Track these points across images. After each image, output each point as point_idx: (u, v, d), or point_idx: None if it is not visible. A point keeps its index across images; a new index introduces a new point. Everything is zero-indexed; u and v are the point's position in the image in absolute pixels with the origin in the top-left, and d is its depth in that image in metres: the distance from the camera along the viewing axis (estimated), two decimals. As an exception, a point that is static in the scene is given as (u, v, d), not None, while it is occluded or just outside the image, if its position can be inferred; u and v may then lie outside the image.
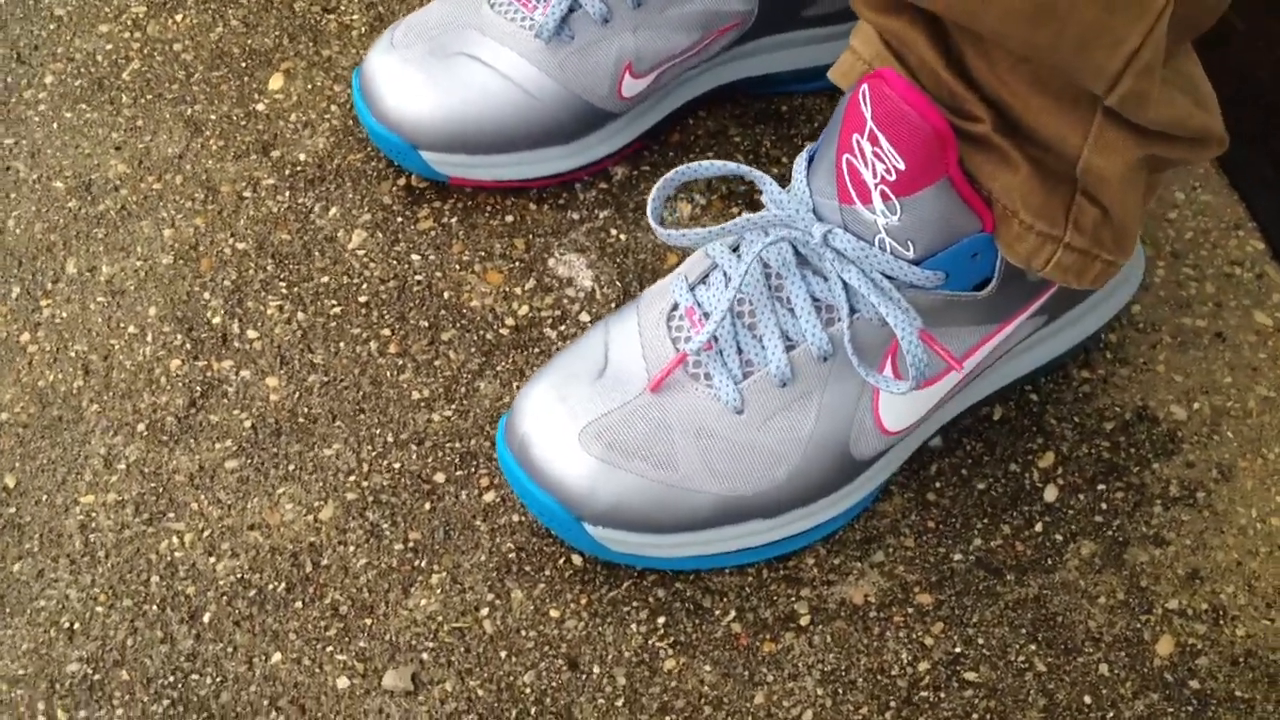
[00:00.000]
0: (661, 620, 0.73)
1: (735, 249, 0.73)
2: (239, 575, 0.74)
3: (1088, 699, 0.71)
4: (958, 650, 0.73)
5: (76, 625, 0.72)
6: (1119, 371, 0.82)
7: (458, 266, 0.85)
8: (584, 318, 0.83)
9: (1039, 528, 0.76)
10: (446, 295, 0.84)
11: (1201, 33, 0.66)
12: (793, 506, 0.73)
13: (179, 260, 0.85)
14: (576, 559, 0.75)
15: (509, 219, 0.87)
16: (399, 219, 0.87)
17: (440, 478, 0.77)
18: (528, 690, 0.71)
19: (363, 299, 0.84)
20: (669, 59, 0.85)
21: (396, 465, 0.78)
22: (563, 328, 0.82)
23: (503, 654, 0.72)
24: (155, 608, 0.73)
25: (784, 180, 0.78)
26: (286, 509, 0.76)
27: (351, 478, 0.77)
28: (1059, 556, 0.75)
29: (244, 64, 0.94)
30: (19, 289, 0.84)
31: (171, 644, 0.72)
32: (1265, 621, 0.74)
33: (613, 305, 0.83)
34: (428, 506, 0.76)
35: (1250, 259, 0.87)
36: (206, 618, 0.73)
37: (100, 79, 0.93)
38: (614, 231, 0.87)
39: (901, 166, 0.66)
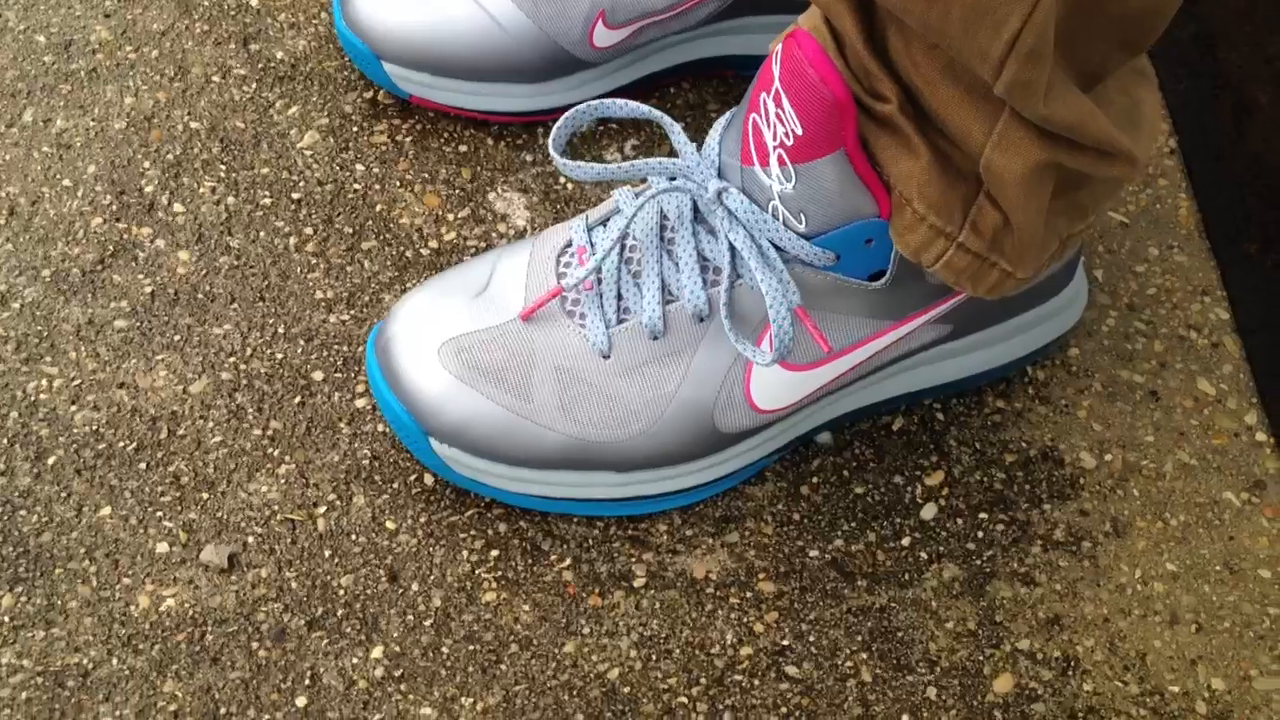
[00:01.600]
0: (495, 553, 0.72)
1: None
2: (94, 428, 0.74)
3: (906, 718, 0.68)
4: (785, 643, 0.70)
5: (-75, 443, 0.73)
6: (1037, 408, 0.79)
7: (398, 183, 0.85)
8: (503, 251, 0.82)
9: (906, 542, 0.74)
10: (379, 208, 0.83)
11: (1142, 47, 0.64)
12: (647, 466, 0.71)
13: (131, 127, 0.86)
14: (429, 479, 0.74)
15: (462, 148, 0.87)
16: (354, 128, 0.87)
17: (318, 376, 0.77)
18: (341, 592, 0.70)
19: (296, 196, 0.84)
20: (646, 15, 0.84)
21: (279, 356, 0.77)
22: (482, 258, 0.82)
23: (327, 553, 0.71)
24: (5, 441, 0.73)
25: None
26: (160, 375, 0.76)
27: (232, 359, 0.77)
28: (918, 574, 0.73)
29: (250, -41, 0.95)
30: (-28, 126, 0.85)
31: (10, 478, 0.72)
32: (1117, 683, 0.70)
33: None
34: (298, 400, 0.76)
35: (1210, 326, 0.83)
36: (51, 460, 0.73)
37: (111, -50, 0.95)
38: (562, 180, 0.86)
39: (799, 131, 0.64)
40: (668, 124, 0.70)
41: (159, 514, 0.71)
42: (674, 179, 0.69)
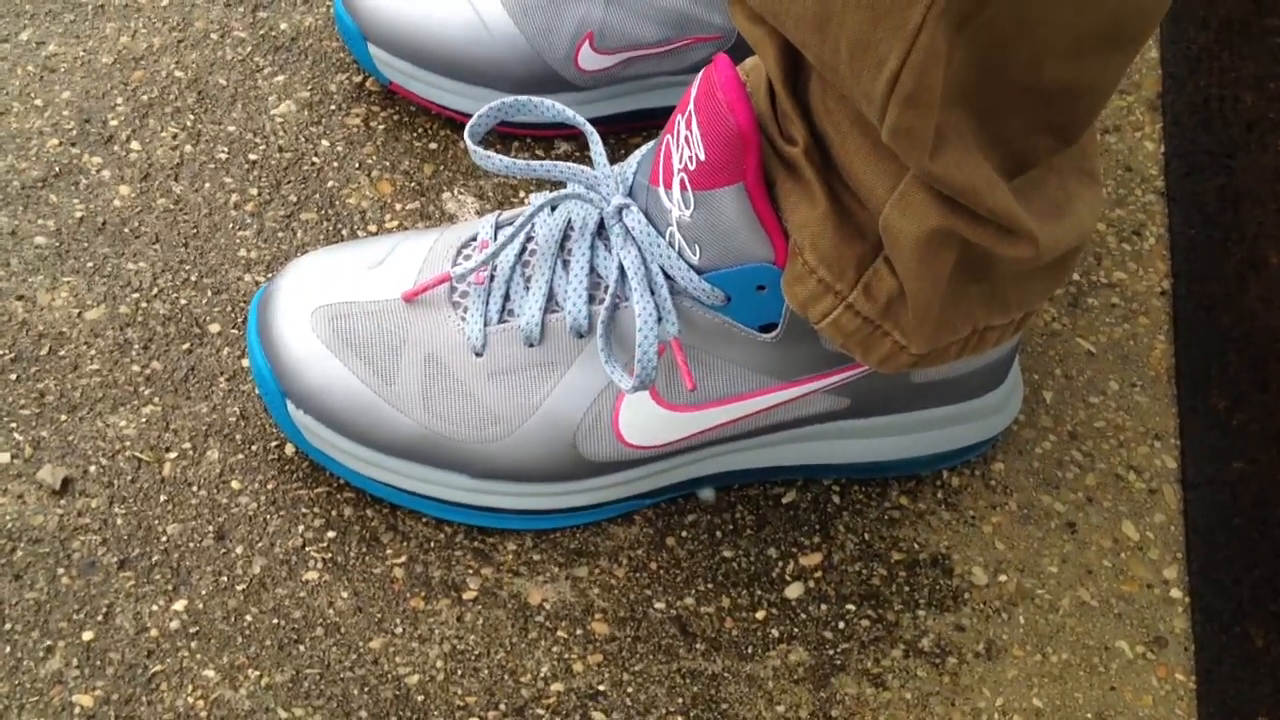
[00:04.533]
0: (331, 534, 0.69)
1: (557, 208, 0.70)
2: (-21, 331, 0.74)
3: (702, 791, 0.64)
4: (601, 688, 0.66)
5: None
6: (940, 513, 0.75)
7: (357, 165, 0.84)
8: (435, 247, 0.80)
9: (760, 615, 0.70)
10: (330, 184, 0.83)
11: (1070, 135, 0.60)
12: (502, 476, 0.68)
13: (117, 64, 0.87)
14: (289, 449, 0.72)
15: (432, 145, 0.86)
16: (332, 106, 0.86)
17: (214, 328, 0.76)
18: (163, 539, 0.68)
19: (253, 157, 0.83)
20: (635, 47, 0.83)
21: (183, 301, 0.76)
22: (414, 251, 0.80)
23: (163, 498, 0.69)
24: (-112, 326, 0.73)
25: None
26: (61, 296, 0.76)
27: (135, 295, 0.76)
28: (763, 650, 0.69)
29: (284, -66, 0.96)
30: (-34, 34, 0.87)
31: (-119, 361, 0.72)
32: (944, 807, 0.65)
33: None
34: (186, 347, 0.75)
35: (1153, 472, 0.78)
36: (-74, 353, 0.72)
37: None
38: (522, 193, 0.84)
39: (702, 156, 0.62)
40: (589, 133, 0.68)
41: (12, 425, 0.70)
42: (587, 185, 0.67)
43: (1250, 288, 0.89)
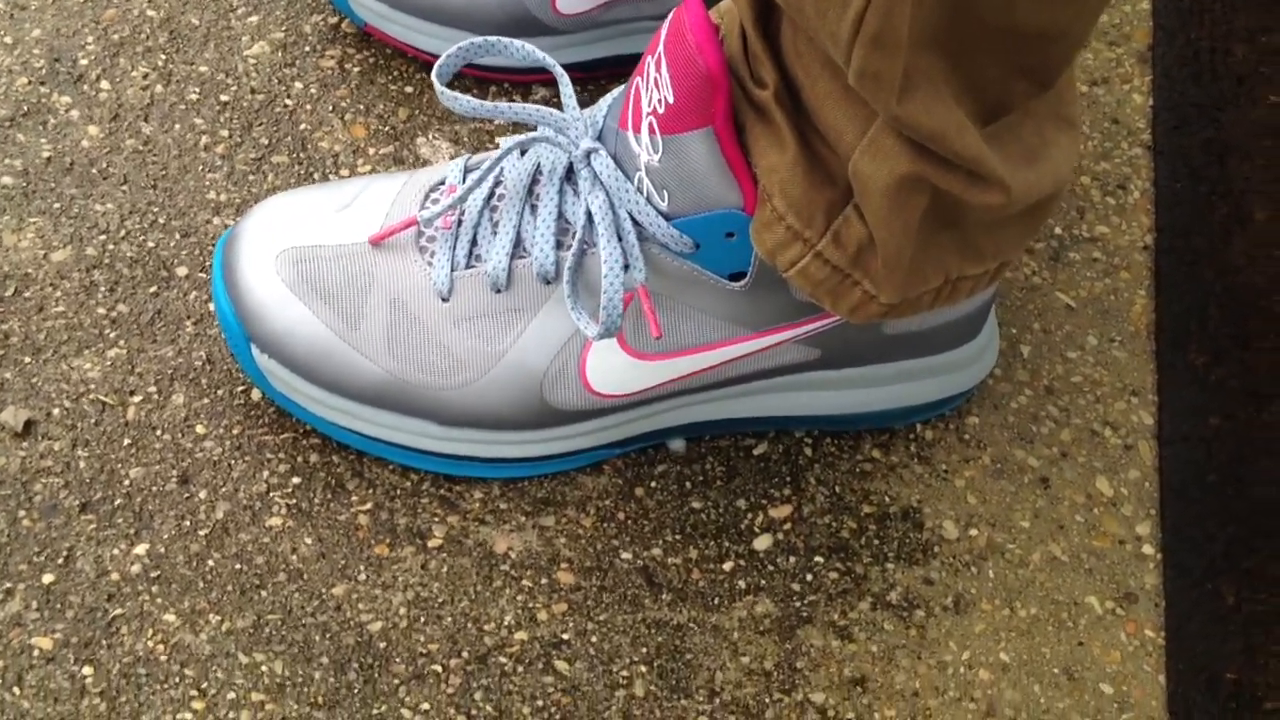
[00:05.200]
0: (296, 481, 0.69)
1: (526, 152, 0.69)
2: (-58, 271, 0.73)
3: (664, 742, 0.64)
4: (565, 637, 0.66)
5: None
6: (913, 467, 0.74)
7: (330, 109, 0.83)
8: (407, 192, 0.79)
9: (728, 567, 0.69)
10: (302, 127, 0.82)
11: (1046, 79, 0.59)
12: (468, 423, 0.67)
13: (88, 2, 0.85)
14: (255, 394, 0.71)
15: (408, 89, 0.85)
16: (306, 48, 0.85)
17: (182, 271, 0.75)
18: (126, 482, 0.67)
19: (224, 98, 0.82)
20: (613, -10, 0.81)
21: (151, 244, 0.75)
22: (386, 195, 0.79)
23: (126, 442, 0.69)
24: None
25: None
26: (27, 237, 0.75)
27: (103, 236, 0.75)
28: (729, 601, 0.68)
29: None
30: (-64, -30, 0.85)
31: None
32: (907, 760, 0.65)
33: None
34: (153, 290, 0.74)
35: (1129, 428, 0.77)
36: (-112, 293, 0.72)
37: None
38: (499, 140, 0.83)
39: (671, 99, 0.61)
40: (559, 75, 0.67)
41: (-25, 366, 0.70)
42: (556, 129, 0.66)
43: (1234, 243, 0.88)
